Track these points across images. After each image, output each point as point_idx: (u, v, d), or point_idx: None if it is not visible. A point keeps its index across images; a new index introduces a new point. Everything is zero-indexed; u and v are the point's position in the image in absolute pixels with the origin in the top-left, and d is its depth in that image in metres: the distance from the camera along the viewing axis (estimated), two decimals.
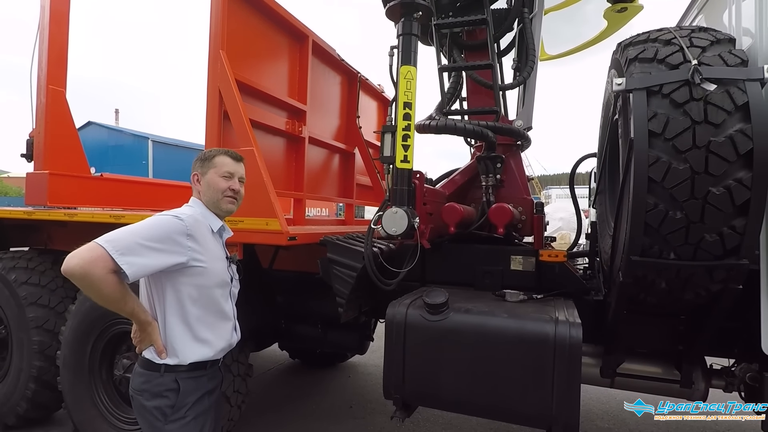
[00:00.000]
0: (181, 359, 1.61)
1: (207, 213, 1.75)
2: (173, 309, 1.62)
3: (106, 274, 1.41)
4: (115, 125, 33.14)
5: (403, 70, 2.22)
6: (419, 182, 2.36)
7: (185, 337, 1.62)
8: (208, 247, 1.66)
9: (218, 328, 1.72)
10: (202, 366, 1.67)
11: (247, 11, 2.78)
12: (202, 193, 1.76)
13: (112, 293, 1.45)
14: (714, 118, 1.59)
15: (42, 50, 3.46)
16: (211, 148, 1.87)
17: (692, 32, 1.82)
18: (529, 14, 2.97)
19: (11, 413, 3.12)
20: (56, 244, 3.51)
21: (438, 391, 2.00)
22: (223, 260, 1.76)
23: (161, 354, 1.60)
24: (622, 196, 1.92)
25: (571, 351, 1.79)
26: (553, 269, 2.43)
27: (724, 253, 1.66)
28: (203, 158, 1.78)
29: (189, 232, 1.58)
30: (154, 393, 1.59)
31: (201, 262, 1.61)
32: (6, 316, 3.15)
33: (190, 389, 1.63)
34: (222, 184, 1.74)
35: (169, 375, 1.60)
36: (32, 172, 3.45)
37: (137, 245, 1.46)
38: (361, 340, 3.21)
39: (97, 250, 1.41)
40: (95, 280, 1.41)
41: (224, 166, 1.76)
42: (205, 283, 1.64)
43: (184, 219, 1.59)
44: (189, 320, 1.62)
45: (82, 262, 1.39)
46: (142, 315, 1.60)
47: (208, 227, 1.71)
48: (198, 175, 1.77)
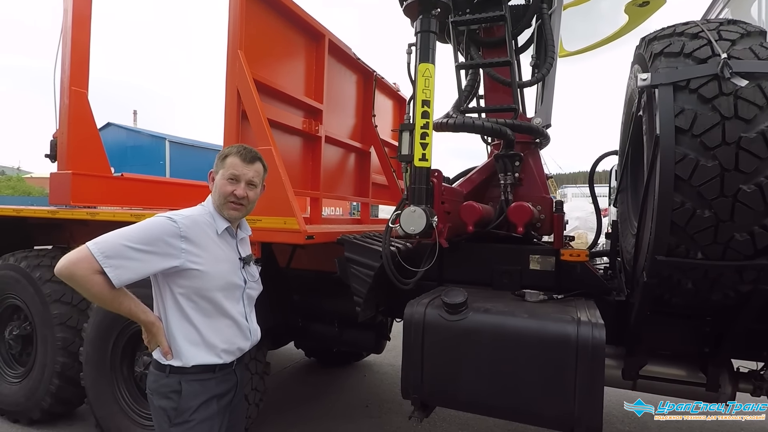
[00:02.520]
0: (184, 361, 1.57)
1: (216, 214, 1.67)
2: (173, 311, 1.58)
3: (90, 275, 1.40)
4: (133, 126, 33.77)
5: (421, 68, 2.20)
6: (437, 181, 2.34)
7: (186, 340, 1.58)
8: (208, 249, 1.59)
9: (222, 332, 1.63)
10: (209, 369, 1.61)
11: (265, 11, 2.79)
12: (212, 193, 1.70)
13: (99, 293, 1.44)
14: (745, 113, 1.54)
15: (65, 53, 3.53)
16: (234, 144, 1.75)
17: (720, 25, 1.76)
18: (547, 10, 2.92)
19: (36, 408, 3.19)
20: (79, 242, 3.52)
21: (457, 392, 1.98)
22: (230, 262, 1.68)
23: (166, 355, 1.57)
24: (647, 194, 1.87)
25: (594, 352, 1.76)
26: (573, 269, 2.39)
27: (755, 253, 1.60)
28: (220, 156, 1.70)
29: (183, 233, 1.52)
30: (161, 393, 1.58)
31: (197, 265, 1.54)
32: (31, 313, 3.23)
33: (194, 392, 1.57)
34: (227, 188, 1.64)
35: (174, 377, 1.57)
36: (56, 172, 3.53)
37: (124, 248, 1.44)
38: (378, 339, 3.21)
39: (83, 252, 1.41)
40: (80, 281, 1.41)
41: (230, 167, 1.65)
42: (203, 285, 1.57)
43: (178, 221, 1.53)
44: (190, 322, 1.58)
45: (68, 263, 1.41)
46: (142, 315, 1.57)
47: (212, 228, 1.64)
48: (213, 173, 1.71)
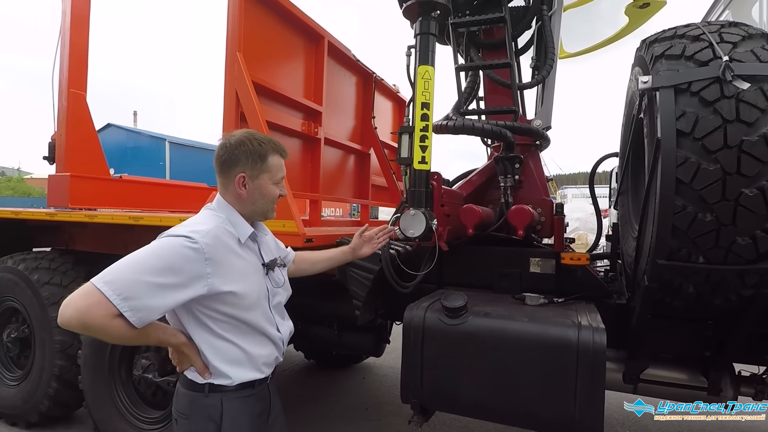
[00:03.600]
0: (226, 380, 1.41)
1: (237, 219, 1.46)
2: (202, 332, 1.40)
3: (108, 321, 1.17)
4: (133, 127, 33.78)
5: (420, 70, 2.19)
6: (437, 183, 2.32)
7: (223, 359, 1.41)
8: (233, 266, 1.39)
9: (257, 346, 1.48)
10: (250, 385, 1.46)
11: (264, 13, 2.78)
12: (245, 199, 1.46)
13: (122, 336, 1.22)
14: (747, 116, 1.53)
15: (63, 55, 3.52)
16: (252, 137, 1.47)
17: (722, 27, 1.75)
18: (548, 11, 2.91)
19: (34, 411, 3.18)
20: (78, 244, 3.56)
21: (457, 396, 1.97)
22: (257, 271, 1.50)
23: (204, 374, 1.40)
24: (648, 197, 1.86)
25: (595, 357, 1.74)
26: (574, 272, 2.38)
27: (757, 257, 1.59)
28: (254, 156, 1.43)
29: (207, 256, 1.30)
30: (200, 416, 1.41)
31: (225, 286, 1.35)
32: (29, 316, 3.22)
33: (237, 411, 1.42)
34: (275, 192, 1.49)
35: (214, 396, 1.41)
36: (54, 174, 3.51)
37: (143, 284, 1.20)
38: (377, 342, 3.19)
39: (94, 296, 1.16)
40: (97, 330, 1.19)
41: (280, 170, 1.49)
42: (234, 305, 1.39)
43: (199, 241, 1.30)
44: (224, 340, 1.41)
45: (77, 313, 1.16)
46: (173, 339, 1.39)
47: (234, 238, 1.43)
48: (245, 177, 1.44)
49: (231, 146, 1.43)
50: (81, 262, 3.37)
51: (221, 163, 1.46)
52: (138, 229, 2.85)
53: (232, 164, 1.44)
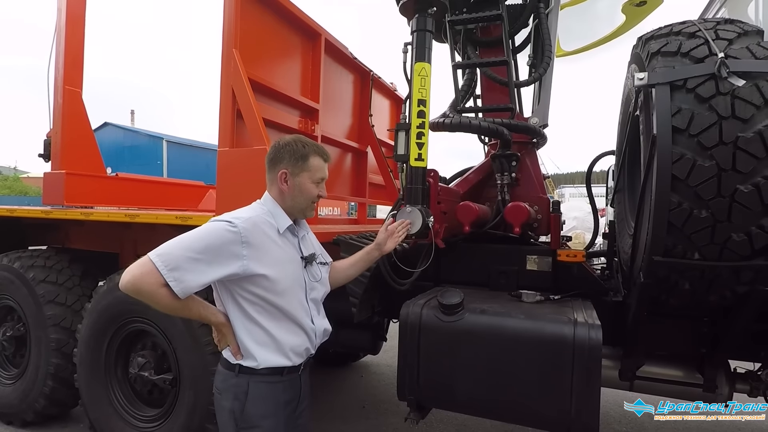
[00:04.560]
0: (256, 363, 1.53)
1: (278, 212, 1.61)
2: (238, 313, 1.54)
3: (157, 289, 1.36)
4: (130, 126, 33.66)
5: (417, 67, 2.19)
6: (433, 181, 2.32)
7: (254, 341, 1.53)
8: (270, 252, 1.53)
9: (289, 334, 1.57)
10: (278, 372, 1.55)
11: (260, 10, 2.78)
12: (286, 194, 1.62)
13: (168, 305, 1.40)
14: (742, 113, 1.53)
15: (59, 52, 3.50)
16: (298, 140, 1.64)
17: (718, 24, 1.76)
18: (545, 9, 2.91)
19: (30, 409, 3.17)
20: (74, 242, 3.55)
21: (453, 394, 1.97)
22: (293, 262, 1.62)
23: (236, 355, 1.54)
24: (644, 194, 1.86)
25: (590, 354, 1.75)
26: (570, 269, 2.38)
27: (752, 254, 1.59)
28: (296, 155, 1.60)
29: (244, 239, 1.46)
30: (229, 393, 1.54)
31: (260, 269, 1.49)
32: (24, 314, 3.20)
33: (262, 395, 1.53)
34: (314, 191, 1.63)
35: (243, 377, 1.53)
36: (49, 172, 3.50)
37: (187, 259, 1.39)
38: (374, 340, 3.18)
39: (147, 266, 1.36)
40: (147, 296, 1.37)
41: (319, 171, 1.63)
42: (267, 290, 1.51)
43: (239, 225, 1.46)
44: (257, 324, 1.53)
45: (133, 278, 1.36)
46: (213, 317, 1.54)
47: (273, 228, 1.57)
48: (287, 173, 1.60)
49: (279, 147, 1.62)
50: (77, 260, 3.37)
51: (269, 161, 1.64)
52: (134, 227, 2.84)
53: (278, 162, 1.61)
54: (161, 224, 2.66)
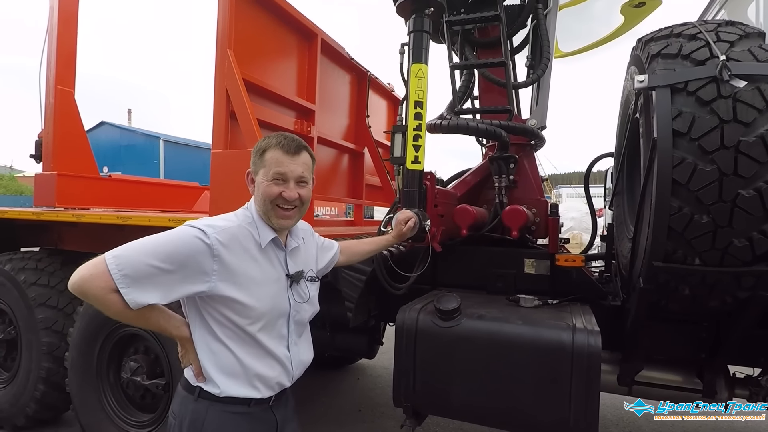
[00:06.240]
0: (215, 389, 1.31)
1: (261, 222, 1.38)
2: (203, 332, 1.33)
3: (106, 294, 1.15)
4: (127, 125, 33.53)
5: (414, 68, 2.15)
6: (430, 183, 2.29)
7: (217, 366, 1.32)
8: (246, 271, 1.30)
9: (259, 362, 1.36)
10: (243, 402, 1.34)
11: (255, 9, 2.74)
12: (254, 197, 1.41)
13: (119, 313, 1.19)
14: (744, 116, 1.51)
15: (51, 51, 3.46)
16: (271, 135, 1.40)
17: (719, 26, 1.73)
18: (543, 10, 2.89)
19: (21, 414, 3.12)
20: (66, 244, 3.50)
21: (450, 400, 1.94)
22: (274, 282, 1.38)
23: (197, 377, 1.33)
24: (644, 198, 1.83)
25: (589, 360, 1.72)
26: (569, 273, 2.35)
27: (753, 259, 1.57)
28: (256, 150, 1.38)
29: (216, 252, 1.24)
30: (187, 421, 1.32)
31: (231, 291, 1.27)
32: (15, 317, 3.15)
33: (219, 425, 1.31)
34: (272, 190, 1.34)
35: (202, 402, 1.33)
36: (41, 173, 3.45)
37: (146, 266, 1.17)
38: (370, 344, 3.15)
39: (100, 267, 1.15)
40: (94, 300, 1.17)
41: (275, 165, 1.33)
42: (238, 315, 1.30)
43: (210, 236, 1.24)
44: (223, 345, 1.32)
45: (81, 279, 1.15)
46: (175, 331, 1.33)
47: (252, 241, 1.34)
48: (251, 173, 1.40)
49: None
50: (69, 262, 3.32)
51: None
52: (127, 229, 2.79)
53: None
54: (154, 226, 2.61)
